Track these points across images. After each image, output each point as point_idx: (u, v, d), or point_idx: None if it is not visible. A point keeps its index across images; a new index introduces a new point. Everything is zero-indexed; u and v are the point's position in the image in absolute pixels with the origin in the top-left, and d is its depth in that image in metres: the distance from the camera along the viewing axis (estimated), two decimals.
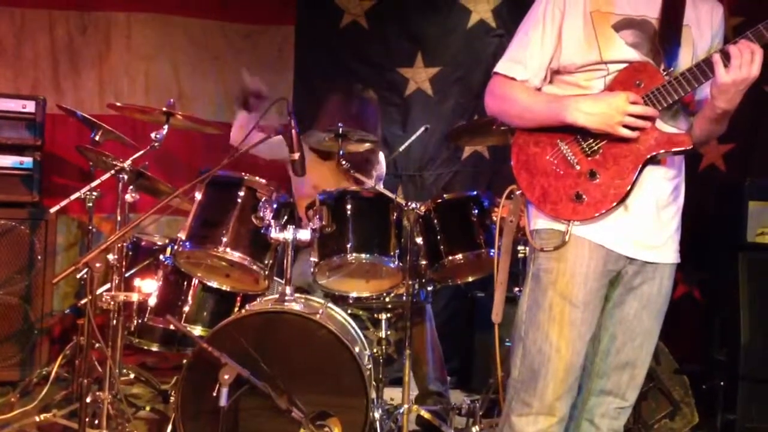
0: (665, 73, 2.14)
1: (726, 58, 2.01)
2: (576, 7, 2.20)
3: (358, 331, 3.40)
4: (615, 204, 2.13)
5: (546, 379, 2.18)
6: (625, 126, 2.09)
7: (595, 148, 2.16)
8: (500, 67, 2.30)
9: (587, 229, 2.16)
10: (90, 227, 4.01)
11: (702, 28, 2.24)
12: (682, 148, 2.14)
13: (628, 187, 2.13)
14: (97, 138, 3.82)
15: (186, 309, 3.59)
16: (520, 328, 2.25)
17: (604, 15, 2.18)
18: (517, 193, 2.29)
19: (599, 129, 2.11)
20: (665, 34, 2.17)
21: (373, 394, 3.19)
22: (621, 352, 2.27)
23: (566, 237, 2.15)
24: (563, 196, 2.17)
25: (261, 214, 3.11)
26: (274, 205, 3.17)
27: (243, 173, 3.25)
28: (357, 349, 3.05)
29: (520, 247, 3.43)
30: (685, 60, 2.17)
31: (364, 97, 4.21)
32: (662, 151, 2.13)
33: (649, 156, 2.13)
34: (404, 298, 3.33)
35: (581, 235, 2.16)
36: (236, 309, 3.55)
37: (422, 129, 4.48)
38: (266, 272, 3.24)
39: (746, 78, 2.01)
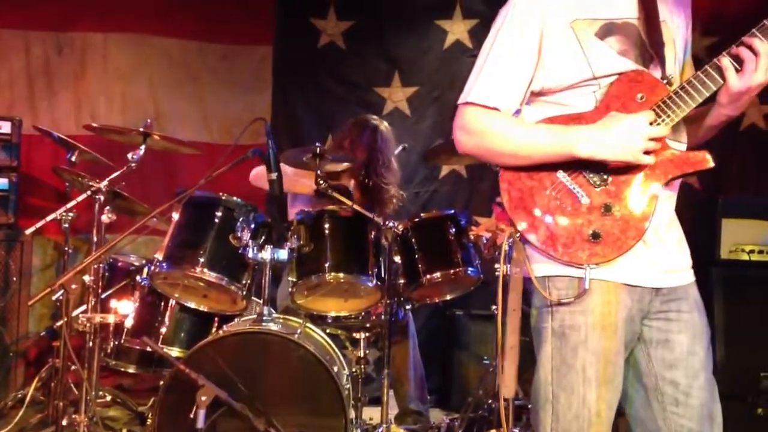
0: (665, 81, 1.89)
1: (737, 62, 1.77)
2: (555, 21, 1.91)
3: (337, 350, 3.40)
4: (640, 238, 1.86)
5: None
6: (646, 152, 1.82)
7: (604, 176, 1.87)
8: (475, 96, 1.93)
9: (606, 270, 1.87)
10: (66, 248, 3.99)
11: (675, 20, 2.01)
12: (702, 169, 1.86)
13: (651, 217, 1.86)
14: (73, 159, 3.81)
15: (163, 330, 3.56)
16: (546, 389, 1.93)
17: (585, 22, 1.90)
18: (516, 236, 1.93)
19: (620, 161, 1.83)
20: (652, 36, 1.91)
21: (352, 414, 3.18)
22: (690, 395, 1.98)
23: (586, 284, 1.84)
24: (576, 236, 1.86)
25: (239, 234, 3.10)
26: (252, 225, 3.17)
27: (220, 193, 3.25)
28: (335, 369, 3.04)
29: (497, 266, 3.44)
30: (670, 60, 1.93)
31: (379, 128, 4.23)
32: (681, 173, 1.87)
33: (669, 179, 1.88)
34: (383, 317, 3.33)
35: (601, 278, 1.87)
36: (214, 330, 3.53)
37: (400, 148, 4.49)
38: (244, 292, 3.22)
39: (762, 83, 1.78)
